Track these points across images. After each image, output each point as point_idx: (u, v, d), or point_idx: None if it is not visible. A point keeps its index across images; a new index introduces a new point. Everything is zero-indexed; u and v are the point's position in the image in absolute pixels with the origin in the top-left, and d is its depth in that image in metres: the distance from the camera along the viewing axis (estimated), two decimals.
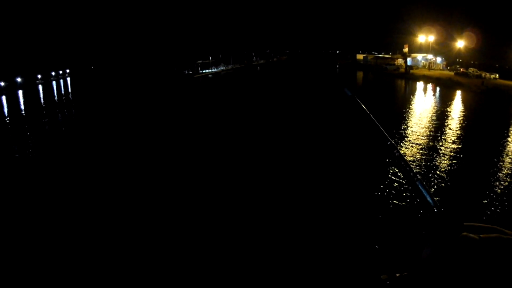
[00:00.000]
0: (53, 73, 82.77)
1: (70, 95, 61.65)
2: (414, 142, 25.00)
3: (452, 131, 28.23)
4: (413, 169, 0.83)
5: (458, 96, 46.81)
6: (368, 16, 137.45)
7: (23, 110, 47.45)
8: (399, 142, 24.67)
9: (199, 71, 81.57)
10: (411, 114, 35.63)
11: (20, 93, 61.66)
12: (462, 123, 31.28)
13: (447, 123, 31.10)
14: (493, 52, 63.78)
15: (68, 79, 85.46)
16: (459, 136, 26.56)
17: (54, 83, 77.12)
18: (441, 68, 70.12)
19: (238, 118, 34.01)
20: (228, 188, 17.26)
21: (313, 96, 39.16)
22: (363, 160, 19.28)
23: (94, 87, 69.58)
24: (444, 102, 41.94)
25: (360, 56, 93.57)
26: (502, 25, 67.61)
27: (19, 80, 67.99)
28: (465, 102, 42.72)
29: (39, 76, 75.69)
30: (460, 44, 68.31)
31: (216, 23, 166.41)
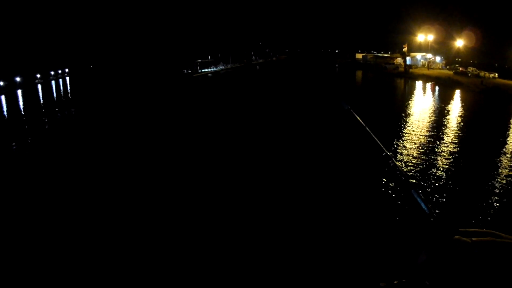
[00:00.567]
0: (52, 72, 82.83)
1: (69, 94, 61.63)
2: (413, 141, 25.01)
3: (451, 130, 28.26)
4: (408, 178, 0.85)
5: (457, 95, 46.76)
6: (368, 15, 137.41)
7: (22, 109, 47.43)
8: (399, 142, 24.67)
9: (198, 70, 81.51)
10: (410, 113, 35.64)
11: (19, 92, 61.63)
12: (461, 122, 31.32)
13: (446, 122, 31.12)
14: (492, 51, 63.83)
15: (67, 78, 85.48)
16: (458, 135, 26.58)
17: (53, 82, 77.11)
18: (440, 67, 70.01)
19: (238, 118, 34.00)
20: (228, 188, 17.29)
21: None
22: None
23: (93, 86, 69.54)
24: (443, 101, 41.90)
25: (359, 55, 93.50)
26: (501, 24, 67.62)
27: (18, 79, 67.98)
28: (464, 101, 42.69)
29: (38, 75, 75.71)
30: (460, 43, 68.29)
31: (215, 22, 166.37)
